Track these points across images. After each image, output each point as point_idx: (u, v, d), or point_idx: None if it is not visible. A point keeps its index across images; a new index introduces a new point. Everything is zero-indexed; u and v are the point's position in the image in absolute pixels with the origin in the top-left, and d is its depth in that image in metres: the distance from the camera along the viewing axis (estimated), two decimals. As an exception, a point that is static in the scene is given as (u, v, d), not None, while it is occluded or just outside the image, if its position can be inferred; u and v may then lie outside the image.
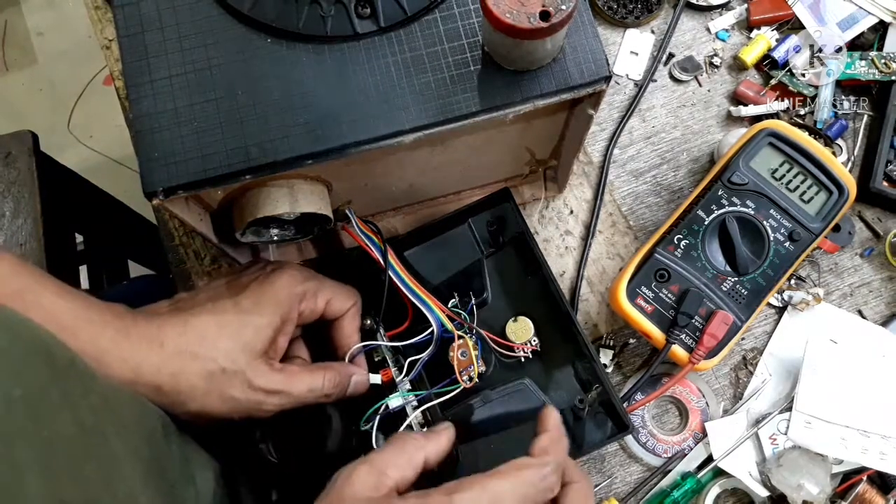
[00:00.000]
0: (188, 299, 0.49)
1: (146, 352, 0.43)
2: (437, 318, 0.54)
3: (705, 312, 0.56)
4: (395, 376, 0.55)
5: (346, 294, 0.53)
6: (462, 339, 0.54)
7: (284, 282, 0.49)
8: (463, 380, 0.53)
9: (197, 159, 0.43)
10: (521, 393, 0.56)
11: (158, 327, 0.45)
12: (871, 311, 0.64)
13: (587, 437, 0.55)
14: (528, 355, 0.56)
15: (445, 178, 0.61)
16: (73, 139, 1.68)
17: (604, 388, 0.54)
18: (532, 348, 0.57)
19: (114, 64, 0.69)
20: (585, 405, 0.54)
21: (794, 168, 0.60)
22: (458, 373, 0.53)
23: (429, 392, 0.54)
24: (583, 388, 0.56)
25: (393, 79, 0.44)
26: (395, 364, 0.55)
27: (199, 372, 0.45)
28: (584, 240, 0.65)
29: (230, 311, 0.47)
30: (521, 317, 0.57)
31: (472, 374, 0.53)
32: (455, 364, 0.53)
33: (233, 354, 0.46)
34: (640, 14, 0.70)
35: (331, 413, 0.52)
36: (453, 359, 0.53)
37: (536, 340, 0.57)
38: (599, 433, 0.55)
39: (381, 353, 0.56)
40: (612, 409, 0.55)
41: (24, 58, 1.77)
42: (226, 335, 0.46)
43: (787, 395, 0.60)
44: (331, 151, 0.43)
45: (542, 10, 0.39)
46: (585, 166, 0.67)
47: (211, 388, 0.45)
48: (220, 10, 0.45)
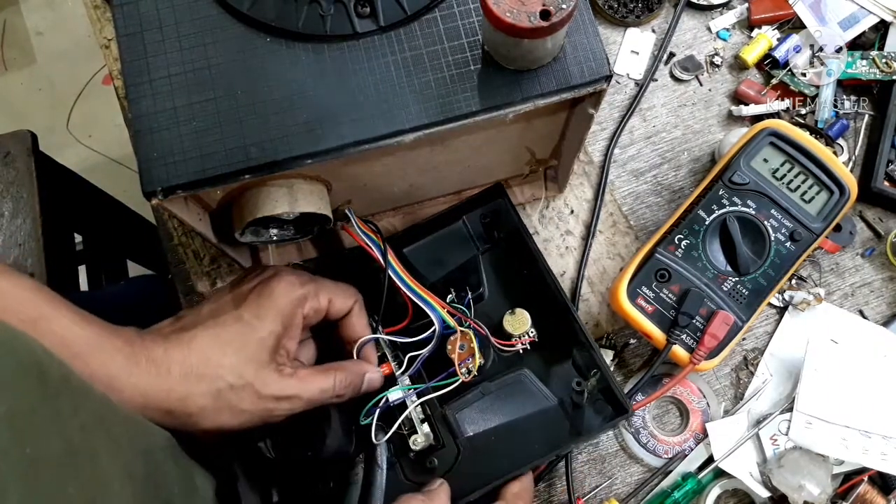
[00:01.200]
0: (192, 316, 0.49)
1: (154, 378, 0.44)
2: (439, 315, 0.54)
3: (706, 312, 0.56)
4: (395, 370, 0.55)
5: (346, 292, 0.54)
6: (461, 334, 0.54)
7: (283, 288, 0.49)
8: (462, 373, 0.53)
9: (196, 159, 0.42)
10: (519, 384, 0.56)
11: (165, 351, 0.45)
12: (873, 311, 0.64)
13: (586, 423, 0.55)
14: (527, 347, 0.56)
15: (445, 178, 0.60)
16: (73, 139, 1.68)
17: (602, 373, 0.54)
18: (530, 340, 0.56)
19: (113, 63, 0.69)
20: (584, 390, 0.54)
21: (795, 168, 0.59)
22: (456, 366, 0.53)
23: (428, 386, 0.54)
24: (581, 376, 0.56)
25: (393, 78, 0.44)
26: (394, 359, 0.55)
27: (207, 392, 0.45)
28: (584, 240, 0.65)
29: (232, 326, 0.47)
30: (518, 309, 0.57)
31: (471, 366, 0.53)
32: (454, 357, 0.53)
33: (238, 369, 0.46)
34: (640, 13, 0.70)
35: (330, 410, 0.52)
36: (452, 352, 0.53)
37: (534, 332, 0.56)
38: (599, 418, 0.55)
39: (381, 349, 0.56)
40: (611, 395, 0.54)
41: (24, 57, 1.77)
42: (230, 352, 0.46)
43: (788, 396, 0.60)
44: (330, 151, 0.43)
45: (542, 9, 0.39)
46: (586, 166, 0.67)
47: (220, 405, 0.46)
48: (219, 9, 0.45)
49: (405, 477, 0.54)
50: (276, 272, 0.51)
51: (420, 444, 0.53)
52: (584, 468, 0.60)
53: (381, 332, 0.55)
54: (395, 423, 0.53)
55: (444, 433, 0.55)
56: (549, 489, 0.60)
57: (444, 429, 0.55)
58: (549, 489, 0.60)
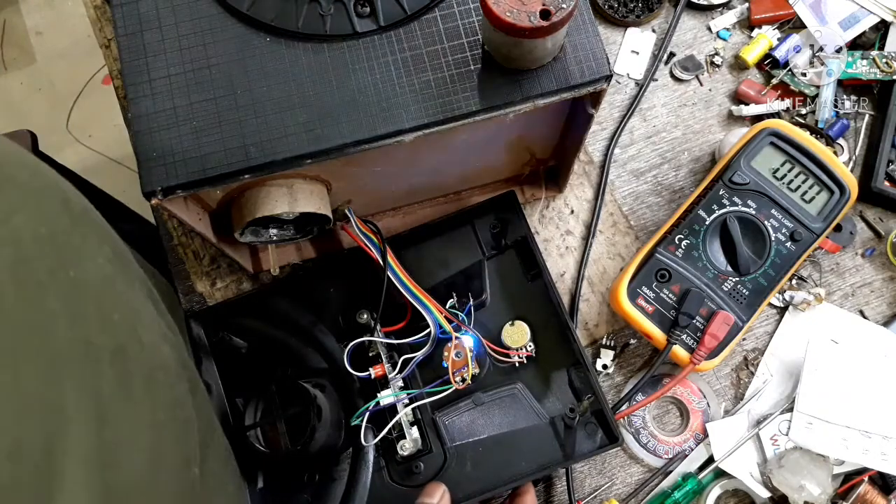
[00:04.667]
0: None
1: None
2: (435, 319, 0.54)
3: (706, 313, 0.56)
4: (389, 372, 0.54)
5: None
6: (458, 341, 0.53)
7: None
8: (455, 381, 0.53)
9: (196, 159, 0.42)
10: (512, 398, 0.56)
11: None
12: (873, 311, 0.64)
13: (577, 447, 0.55)
14: (523, 360, 0.56)
15: (445, 177, 0.60)
16: (72, 139, 1.67)
17: (596, 398, 0.54)
18: (527, 354, 0.56)
19: (113, 63, 0.69)
20: (576, 415, 0.54)
21: (795, 168, 0.59)
22: (451, 374, 0.53)
23: (420, 391, 0.54)
24: (575, 397, 0.56)
25: (392, 78, 0.44)
26: (389, 360, 0.55)
27: None
28: (584, 240, 0.65)
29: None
30: (518, 321, 0.57)
31: (466, 375, 0.53)
32: (449, 364, 0.53)
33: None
34: (640, 13, 0.70)
35: (321, 405, 0.53)
36: (447, 359, 0.53)
37: (532, 346, 0.57)
38: (589, 443, 0.55)
39: (375, 349, 0.56)
40: (604, 420, 0.55)
41: (23, 57, 1.77)
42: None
43: (788, 396, 0.60)
44: (330, 151, 0.43)
45: (542, 8, 0.39)
46: (586, 166, 0.67)
47: None
48: (219, 8, 0.45)
49: (391, 478, 0.54)
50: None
51: (408, 449, 0.54)
52: (584, 468, 0.60)
53: (378, 332, 0.55)
54: (386, 426, 0.53)
55: (433, 439, 0.55)
56: (549, 489, 0.60)
57: (432, 434, 0.55)
58: (549, 489, 0.60)
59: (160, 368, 0.35)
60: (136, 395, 0.31)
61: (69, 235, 0.31)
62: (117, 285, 0.34)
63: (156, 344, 0.36)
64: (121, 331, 0.32)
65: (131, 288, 0.36)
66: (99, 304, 0.31)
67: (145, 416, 0.32)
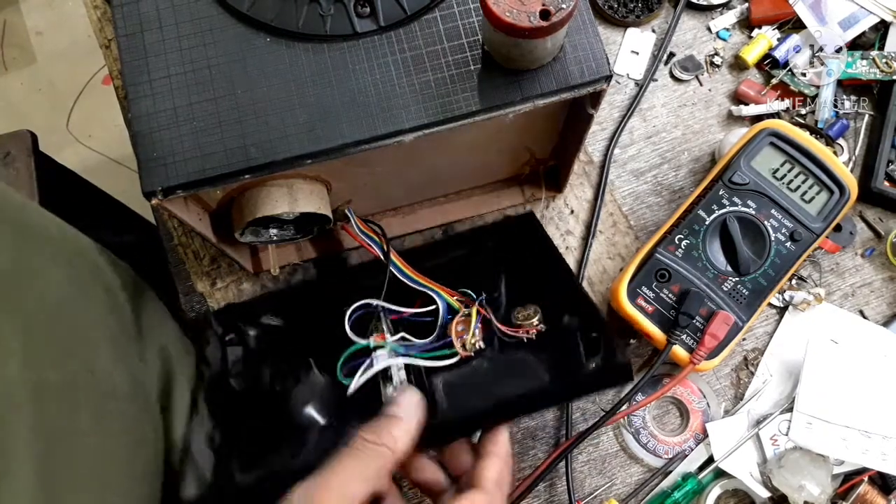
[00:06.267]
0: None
1: None
2: (445, 301, 0.53)
3: (706, 313, 0.56)
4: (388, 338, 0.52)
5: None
6: (464, 316, 0.52)
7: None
8: (458, 346, 0.51)
9: (196, 159, 0.42)
10: (519, 363, 0.53)
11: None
12: (873, 311, 0.64)
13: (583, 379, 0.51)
14: (531, 336, 0.54)
15: (445, 177, 0.60)
16: (72, 139, 1.67)
17: (604, 334, 0.51)
18: (536, 329, 0.54)
19: (113, 63, 0.69)
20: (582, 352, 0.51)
21: (795, 168, 0.59)
22: (454, 339, 0.51)
23: (419, 346, 0.52)
24: (585, 354, 0.52)
25: (392, 78, 0.44)
26: (390, 332, 0.53)
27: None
28: (584, 240, 0.65)
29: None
30: (530, 304, 0.55)
31: (467, 342, 0.52)
32: (453, 335, 0.52)
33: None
34: (640, 13, 0.70)
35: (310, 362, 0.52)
36: (451, 331, 0.52)
37: (543, 326, 0.54)
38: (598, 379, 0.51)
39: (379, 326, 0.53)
40: (612, 354, 0.50)
41: (23, 57, 1.77)
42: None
43: (788, 396, 0.60)
44: (330, 151, 0.43)
45: (542, 9, 0.39)
46: (586, 166, 0.67)
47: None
48: (219, 9, 0.45)
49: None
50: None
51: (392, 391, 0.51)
52: (584, 468, 0.60)
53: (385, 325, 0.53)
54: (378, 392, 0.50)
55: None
56: (549, 490, 0.60)
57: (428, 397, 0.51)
58: (549, 490, 0.60)
59: (110, 396, 0.35)
60: (83, 428, 0.31)
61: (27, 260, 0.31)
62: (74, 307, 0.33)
63: (108, 370, 0.35)
64: (72, 362, 0.32)
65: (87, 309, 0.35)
66: (52, 334, 0.31)
67: (92, 447, 0.32)
